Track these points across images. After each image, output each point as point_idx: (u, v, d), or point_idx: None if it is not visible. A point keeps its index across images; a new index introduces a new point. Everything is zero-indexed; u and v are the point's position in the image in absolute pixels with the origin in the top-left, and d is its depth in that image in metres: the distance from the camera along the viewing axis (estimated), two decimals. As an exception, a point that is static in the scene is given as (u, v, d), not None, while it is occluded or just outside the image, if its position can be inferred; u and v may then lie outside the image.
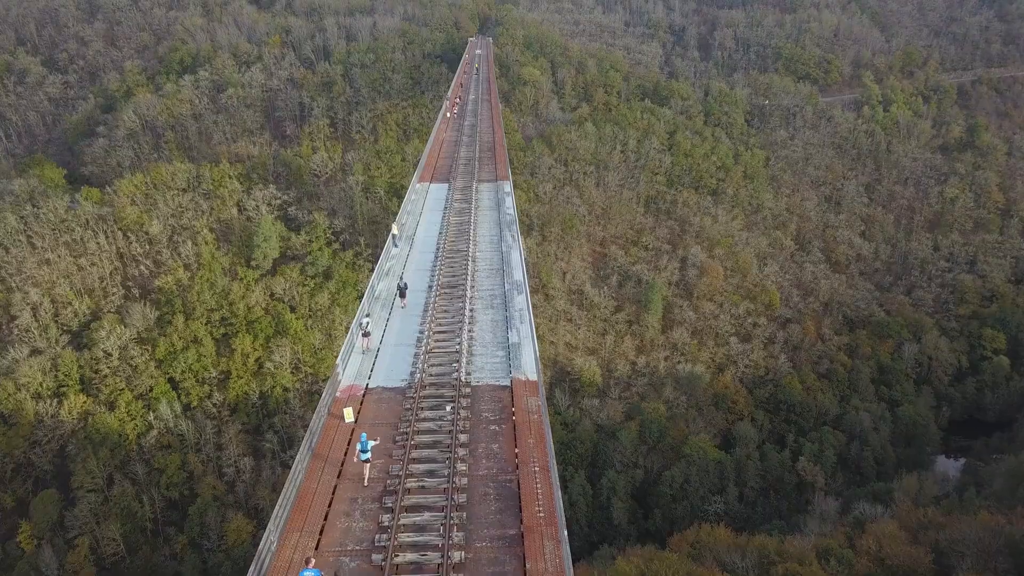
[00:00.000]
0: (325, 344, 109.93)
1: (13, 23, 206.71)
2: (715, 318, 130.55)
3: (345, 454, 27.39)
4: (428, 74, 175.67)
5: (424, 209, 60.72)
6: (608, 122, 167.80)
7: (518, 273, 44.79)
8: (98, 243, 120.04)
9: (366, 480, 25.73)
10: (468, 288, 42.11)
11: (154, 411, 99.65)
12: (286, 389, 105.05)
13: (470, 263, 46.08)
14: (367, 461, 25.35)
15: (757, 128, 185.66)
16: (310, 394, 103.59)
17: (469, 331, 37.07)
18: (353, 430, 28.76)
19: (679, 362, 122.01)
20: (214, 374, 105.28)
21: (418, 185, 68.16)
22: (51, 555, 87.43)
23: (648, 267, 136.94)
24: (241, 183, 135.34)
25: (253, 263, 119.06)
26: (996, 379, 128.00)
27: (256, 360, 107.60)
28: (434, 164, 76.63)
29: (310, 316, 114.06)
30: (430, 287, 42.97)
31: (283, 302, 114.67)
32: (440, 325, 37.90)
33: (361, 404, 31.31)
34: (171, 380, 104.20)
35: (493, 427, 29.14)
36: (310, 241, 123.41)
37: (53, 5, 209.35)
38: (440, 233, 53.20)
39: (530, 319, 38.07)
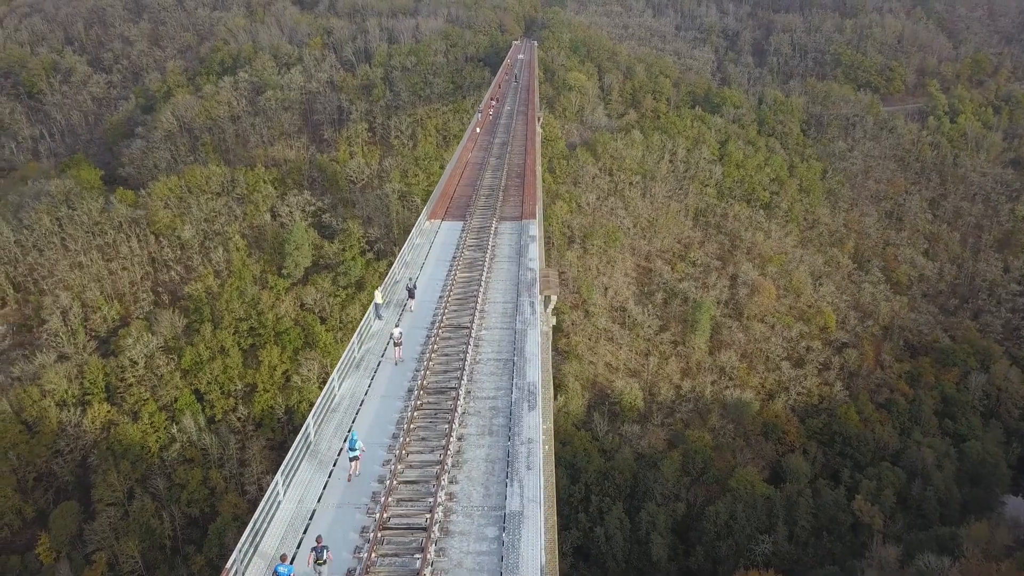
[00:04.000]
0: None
1: (62, 22, 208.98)
2: (766, 341, 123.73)
3: None
4: (470, 78, 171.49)
5: (428, 259, 48.95)
6: (656, 130, 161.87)
7: (533, 370, 32.67)
8: (130, 247, 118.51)
9: (356, 472, 25.76)
10: (461, 395, 30.20)
11: (177, 423, 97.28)
12: (313, 405, 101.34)
13: (471, 349, 34.44)
14: (355, 459, 25.50)
15: (814, 138, 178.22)
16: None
17: (449, 482, 25.48)
18: None
19: (727, 387, 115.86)
20: (240, 386, 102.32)
21: (426, 223, 57.00)
22: (68, 571, 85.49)
23: (696, 284, 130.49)
24: (276, 188, 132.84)
25: (284, 271, 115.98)
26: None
27: (283, 373, 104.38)
28: (451, 194, 65.90)
29: (340, 328, 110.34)
30: (410, 391, 31.36)
31: (313, 313, 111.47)
32: (411, 466, 26.44)
33: None
34: (196, 391, 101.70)
35: None
36: (343, 250, 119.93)
37: (101, 5, 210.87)
38: (441, 297, 41.59)
39: (540, 461, 26.27)
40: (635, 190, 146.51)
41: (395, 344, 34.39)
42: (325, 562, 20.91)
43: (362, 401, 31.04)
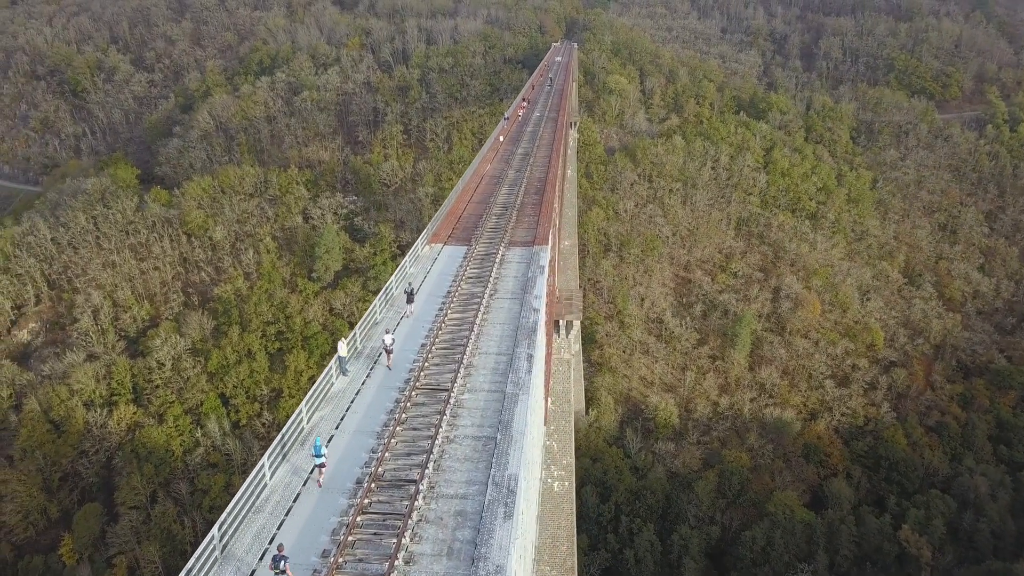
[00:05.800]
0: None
1: (108, 22, 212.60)
2: (809, 357, 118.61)
3: None
4: (508, 80, 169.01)
5: (420, 293, 41.66)
6: (699, 136, 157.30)
7: (517, 455, 25.16)
8: (162, 247, 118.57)
9: (320, 482, 24.22)
10: (421, 493, 23.06)
11: (202, 427, 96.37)
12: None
13: (445, 422, 27.19)
14: (322, 466, 24.42)
15: (864, 147, 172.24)
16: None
17: None
18: None
19: (767, 405, 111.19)
20: (265, 391, 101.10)
21: (425, 248, 49.28)
22: (90, 573, 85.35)
23: (736, 297, 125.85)
24: (308, 190, 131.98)
25: (314, 275, 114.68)
26: None
27: (310, 379, 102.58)
28: (459, 213, 57.13)
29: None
30: (359, 482, 24.16)
31: (342, 318, 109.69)
32: None
33: None
34: (222, 395, 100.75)
35: None
36: (374, 254, 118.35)
37: (145, 4, 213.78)
38: (423, 346, 34.11)
39: None
40: (675, 197, 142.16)
41: (386, 352, 32.78)
42: (283, 572, 19.42)
43: (297, 495, 23.85)
